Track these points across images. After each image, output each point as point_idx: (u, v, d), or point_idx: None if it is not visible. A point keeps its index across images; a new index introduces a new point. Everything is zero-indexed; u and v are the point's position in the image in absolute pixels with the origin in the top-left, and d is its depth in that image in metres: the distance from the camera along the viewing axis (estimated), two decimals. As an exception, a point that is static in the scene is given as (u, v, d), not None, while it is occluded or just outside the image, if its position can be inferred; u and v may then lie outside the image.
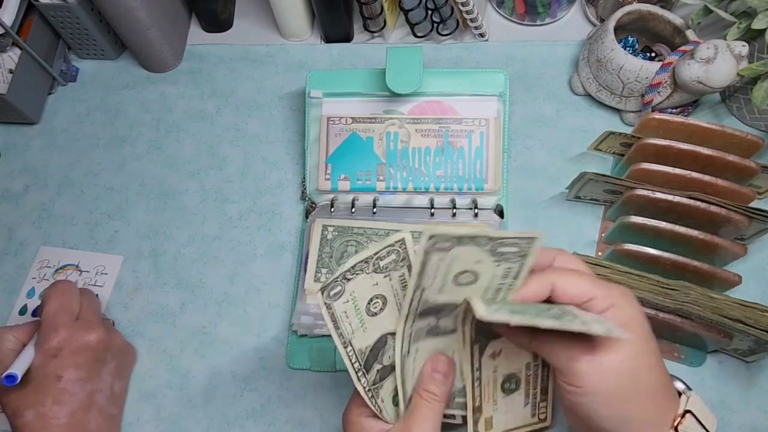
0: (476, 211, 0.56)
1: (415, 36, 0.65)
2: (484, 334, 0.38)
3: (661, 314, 0.48)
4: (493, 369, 0.40)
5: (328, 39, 0.68)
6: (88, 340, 0.46)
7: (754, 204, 0.48)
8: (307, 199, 0.58)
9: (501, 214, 0.56)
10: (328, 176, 0.56)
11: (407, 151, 0.56)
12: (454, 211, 0.56)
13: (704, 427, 0.35)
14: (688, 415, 0.34)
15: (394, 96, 0.57)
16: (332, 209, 0.56)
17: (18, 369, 0.43)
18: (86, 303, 0.50)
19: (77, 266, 0.58)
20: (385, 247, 0.36)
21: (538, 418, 0.43)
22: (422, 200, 0.57)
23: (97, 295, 0.55)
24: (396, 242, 0.37)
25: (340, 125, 0.56)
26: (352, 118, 0.56)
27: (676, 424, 0.34)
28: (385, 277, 0.37)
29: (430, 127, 0.56)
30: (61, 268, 0.58)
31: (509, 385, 0.41)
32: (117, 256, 0.59)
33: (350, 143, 0.56)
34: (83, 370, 0.46)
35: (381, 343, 0.38)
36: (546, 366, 0.41)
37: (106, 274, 0.58)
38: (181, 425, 0.52)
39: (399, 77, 0.54)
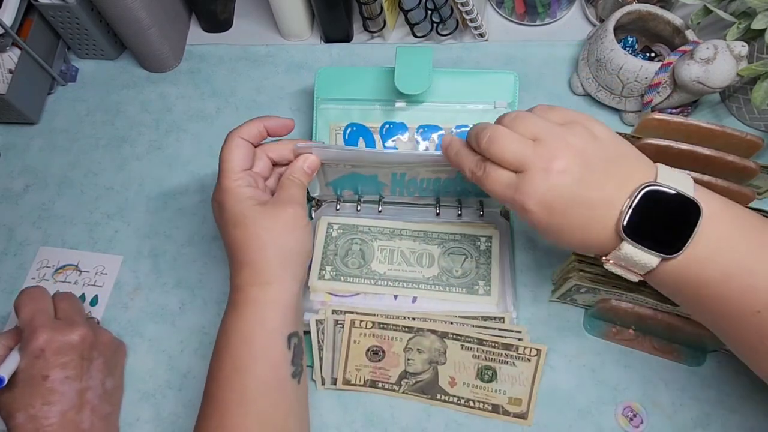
0: (482, 212, 0.56)
1: (415, 36, 0.65)
2: None
3: (661, 314, 0.48)
4: None
5: (328, 39, 0.68)
6: (71, 339, 0.47)
7: (753, 204, 0.48)
8: (312, 198, 0.58)
9: (507, 216, 0.56)
10: (330, 191, 0.56)
11: (416, 180, 0.53)
12: (460, 212, 0.56)
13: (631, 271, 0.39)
14: (607, 263, 0.40)
15: (400, 98, 0.56)
16: (338, 207, 0.57)
17: (4, 372, 0.44)
18: (66, 304, 0.50)
19: (77, 266, 0.58)
20: None
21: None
22: (428, 199, 0.57)
23: (84, 294, 0.56)
24: None
25: (338, 168, 0.52)
26: (352, 165, 0.51)
27: (603, 260, 0.40)
28: None
29: (441, 168, 0.50)
30: (60, 268, 0.58)
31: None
32: (117, 256, 0.59)
33: (352, 177, 0.53)
34: (70, 368, 0.46)
35: None
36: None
37: (106, 274, 0.58)
38: (181, 425, 0.52)
39: (408, 78, 0.53)
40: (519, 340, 0.50)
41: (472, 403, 0.50)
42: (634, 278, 0.39)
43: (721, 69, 0.51)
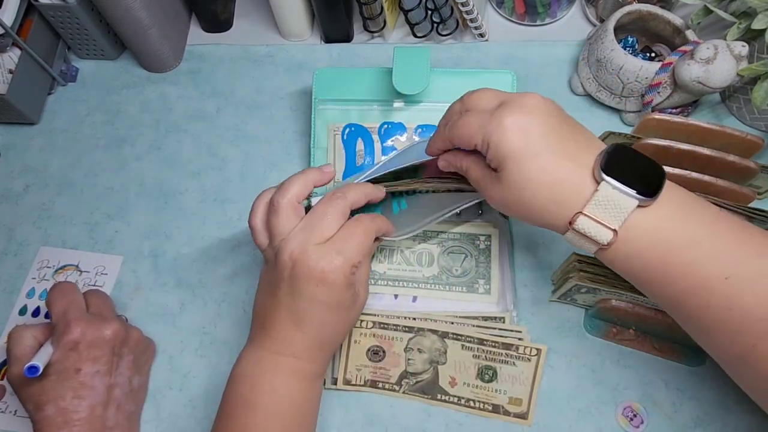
0: (480, 211, 0.56)
1: (415, 36, 0.65)
2: None
3: (661, 314, 0.48)
4: None
5: (328, 39, 0.68)
6: (104, 334, 0.47)
7: (754, 204, 0.48)
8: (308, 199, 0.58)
9: (506, 215, 0.56)
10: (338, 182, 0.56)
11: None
12: (459, 211, 0.56)
13: (604, 225, 0.36)
14: (581, 216, 0.37)
15: (398, 98, 0.56)
16: None
17: (39, 361, 0.43)
18: (98, 300, 0.51)
19: (77, 266, 0.58)
20: None
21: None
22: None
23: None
24: None
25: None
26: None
27: (571, 222, 0.37)
28: None
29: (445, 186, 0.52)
30: (61, 268, 0.58)
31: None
32: (117, 256, 0.59)
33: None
34: (101, 363, 0.46)
35: None
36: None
37: (106, 274, 0.58)
38: (181, 425, 0.52)
39: (406, 78, 0.54)
40: (519, 339, 0.50)
41: (472, 403, 0.50)
42: (608, 235, 0.36)
43: (722, 69, 0.51)
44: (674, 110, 0.58)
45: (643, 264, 0.37)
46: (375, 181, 0.51)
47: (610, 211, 0.36)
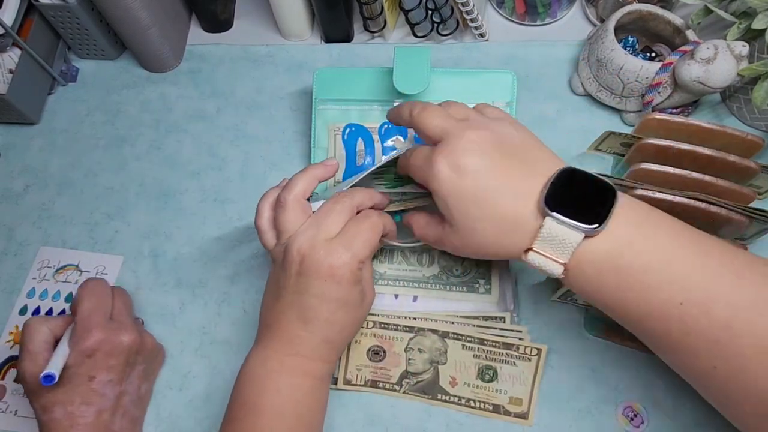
0: None
1: (415, 36, 0.65)
2: None
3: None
4: None
5: (328, 39, 0.68)
6: (122, 342, 0.46)
7: (754, 204, 0.48)
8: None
9: None
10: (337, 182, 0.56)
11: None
12: None
13: (553, 260, 0.37)
14: (530, 252, 0.38)
15: (399, 98, 0.56)
16: None
17: (56, 368, 0.43)
18: (120, 303, 0.50)
19: (77, 266, 0.58)
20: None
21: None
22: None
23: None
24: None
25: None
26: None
27: (524, 256, 0.39)
28: None
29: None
30: (61, 268, 0.58)
31: None
32: (117, 256, 0.58)
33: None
34: (114, 372, 0.46)
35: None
36: None
37: (106, 274, 0.58)
38: (181, 425, 0.52)
39: (406, 78, 0.54)
40: (519, 339, 0.50)
41: (472, 403, 0.50)
42: (558, 269, 0.37)
43: (722, 69, 0.51)
44: (674, 110, 0.58)
45: (597, 289, 0.37)
46: (377, 176, 0.51)
47: (556, 247, 0.36)
